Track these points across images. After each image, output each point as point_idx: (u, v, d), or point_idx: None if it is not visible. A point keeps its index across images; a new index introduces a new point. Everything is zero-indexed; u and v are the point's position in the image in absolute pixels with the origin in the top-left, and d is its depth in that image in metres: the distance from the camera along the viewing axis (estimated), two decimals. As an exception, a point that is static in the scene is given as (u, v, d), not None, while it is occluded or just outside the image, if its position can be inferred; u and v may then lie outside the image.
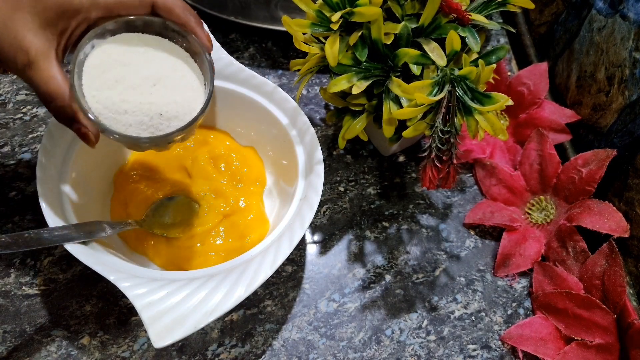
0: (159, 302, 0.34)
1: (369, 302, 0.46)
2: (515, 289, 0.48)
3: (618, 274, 0.42)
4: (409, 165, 0.54)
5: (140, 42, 0.35)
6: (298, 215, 0.40)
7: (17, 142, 0.51)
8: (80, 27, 0.34)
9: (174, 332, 0.33)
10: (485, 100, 0.38)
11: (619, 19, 0.50)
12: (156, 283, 0.35)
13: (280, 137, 0.46)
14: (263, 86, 0.46)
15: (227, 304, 0.34)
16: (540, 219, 0.51)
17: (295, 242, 0.38)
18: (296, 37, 0.40)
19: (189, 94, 0.35)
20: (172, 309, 0.33)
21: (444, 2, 0.39)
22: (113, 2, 0.35)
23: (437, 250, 0.50)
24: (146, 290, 0.34)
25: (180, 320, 0.33)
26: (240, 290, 0.35)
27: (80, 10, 0.34)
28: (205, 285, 0.35)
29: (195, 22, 0.37)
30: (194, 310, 0.33)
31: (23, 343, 0.41)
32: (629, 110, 0.48)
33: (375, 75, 0.41)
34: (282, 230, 0.39)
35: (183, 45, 0.36)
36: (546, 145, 0.51)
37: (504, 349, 0.45)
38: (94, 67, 0.33)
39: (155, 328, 0.32)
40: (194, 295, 0.34)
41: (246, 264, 0.37)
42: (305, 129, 0.44)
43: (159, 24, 0.36)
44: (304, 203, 0.40)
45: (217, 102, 0.47)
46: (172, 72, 0.35)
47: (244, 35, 0.62)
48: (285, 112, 0.45)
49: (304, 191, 0.41)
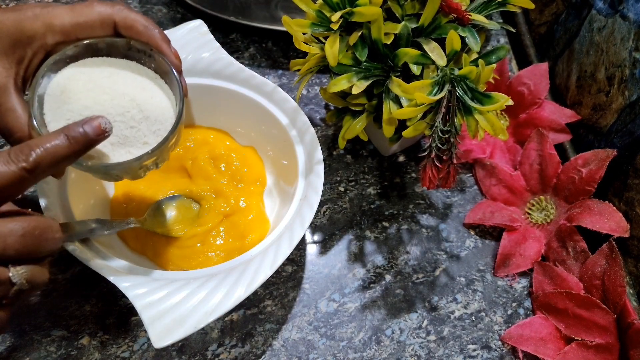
0: (159, 302, 0.34)
1: (369, 302, 0.46)
2: (515, 289, 0.48)
3: (618, 274, 0.42)
4: (409, 165, 0.54)
5: (104, 66, 0.33)
6: (298, 215, 0.40)
7: (17, 142, 0.51)
8: (38, 54, 0.33)
9: (174, 332, 0.33)
10: (485, 100, 0.38)
11: (619, 19, 0.50)
12: (156, 283, 0.35)
13: (280, 137, 0.46)
14: (263, 86, 0.46)
15: (227, 304, 0.34)
16: (540, 219, 0.51)
17: (295, 242, 0.38)
18: (296, 37, 0.40)
19: (159, 115, 0.34)
20: (172, 309, 0.33)
21: (444, 2, 0.39)
22: (70, 25, 0.33)
23: (437, 250, 0.50)
24: (146, 290, 0.34)
25: (180, 321, 0.33)
26: (240, 290, 0.35)
27: (34, 37, 0.32)
28: (205, 285, 0.35)
29: (160, 38, 0.35)
30: (194, 311, 0.33)
31: (23, 343, 0.41)
32: (629, 110, 0.48)
33: (375, 75, 0.41)
34: (282, 230, 0.39)
35: (151, 66, 0.35)
36: (546, 145, 0.51)
37: (504, 349, 0.45)
38: (55, 96, 0.32)
39: (155, 328, 0.33)
40: (194, 295, 0.34)
41: (246, 264, 0.37)
42: (305, 129, 0.44)
43: (122, 45, 0.34)
44: (304, 203, 0.40)
45: (218, 102, 0.47)
46: (141, 92, 0.34)
47: (244, 35, 0.62)
48: (285, 112, 0.45)
49: (304, 191, 0.41)
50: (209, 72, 0.46)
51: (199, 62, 0.46)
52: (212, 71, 0.46)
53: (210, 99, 0.47)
